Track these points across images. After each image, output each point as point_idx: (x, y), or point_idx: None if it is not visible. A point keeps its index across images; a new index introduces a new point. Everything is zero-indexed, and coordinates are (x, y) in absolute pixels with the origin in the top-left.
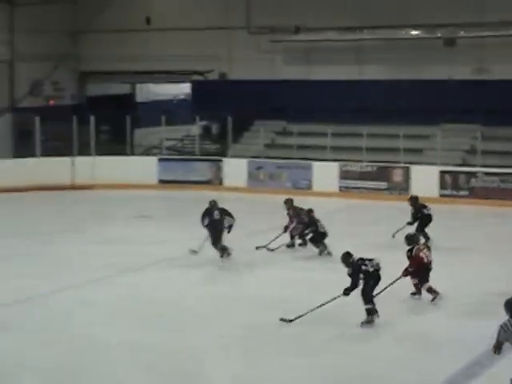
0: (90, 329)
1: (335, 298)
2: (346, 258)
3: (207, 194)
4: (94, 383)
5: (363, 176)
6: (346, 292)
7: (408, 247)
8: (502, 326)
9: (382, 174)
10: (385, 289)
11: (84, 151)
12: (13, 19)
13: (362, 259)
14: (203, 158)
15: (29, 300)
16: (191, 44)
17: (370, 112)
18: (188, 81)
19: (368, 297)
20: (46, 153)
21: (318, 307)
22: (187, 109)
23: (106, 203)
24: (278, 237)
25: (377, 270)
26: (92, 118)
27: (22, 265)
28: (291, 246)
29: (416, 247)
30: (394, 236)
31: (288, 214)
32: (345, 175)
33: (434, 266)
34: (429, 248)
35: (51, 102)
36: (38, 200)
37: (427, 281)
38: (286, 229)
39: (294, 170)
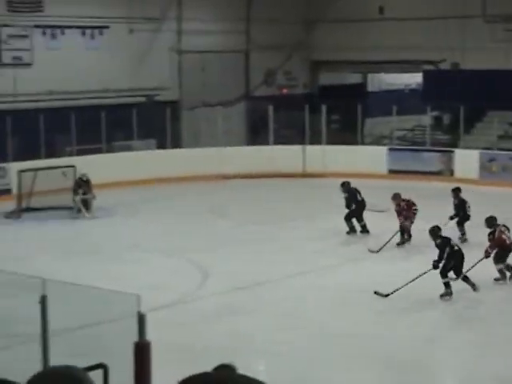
0: (321, 316)
1: (426, 272)
2: (434, 231)
3: (437, 185)
4: (326, 370)
5: None
6: (435, 264)
7: (489, 230)
8: None
9: None
10: (469, 270)
11: (315, 140)
12: (250, 10)
13: (448, 238)
14: (434, 149)
15: (263, 285)
16: (424, 33)
17: None
18: (420, 70)
19: (444, 272)
20: (279, 141)
21: (411, 281)
22: (418, 99)
23: (335, 192)
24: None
25: (458, 251)
26: (323, 107)
27: (255, 250)
28: (405, 242)
29: (498, 229)
30: None
31: (397, 209)
32: None
33: None
34: (509, 229)
35: (284, 91)
36: (271, 187)
37: (504, 261)
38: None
39: None
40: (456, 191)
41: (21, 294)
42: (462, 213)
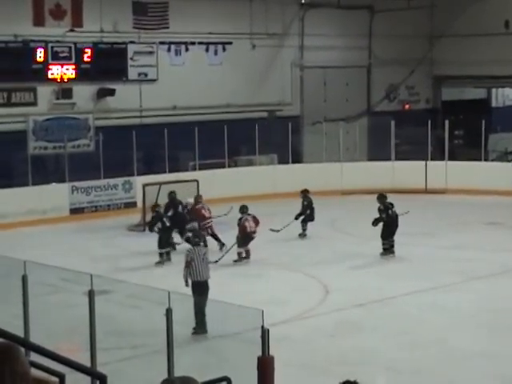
0: (443, 334)
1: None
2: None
3: None
4: None
5: None
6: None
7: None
8: (187, 250)
9: None
10: (225, 254)
11: (437, 156)
12: (372, 25)
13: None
14: None
15: (379, 302)
16: None
17: None
18: None
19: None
20: (400, 156)
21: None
22: None
23: (457, 208)
24: None
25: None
26: (446, 123)
27: (374, 266)
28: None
29: (244, 217)
30: None
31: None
32: None
33: None
34: (256, 220)
35: (406, 106)
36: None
37: (246, 246)
38: None
39: None
40: (305, 192)
41: (145, 306)
42: (309, 211)
